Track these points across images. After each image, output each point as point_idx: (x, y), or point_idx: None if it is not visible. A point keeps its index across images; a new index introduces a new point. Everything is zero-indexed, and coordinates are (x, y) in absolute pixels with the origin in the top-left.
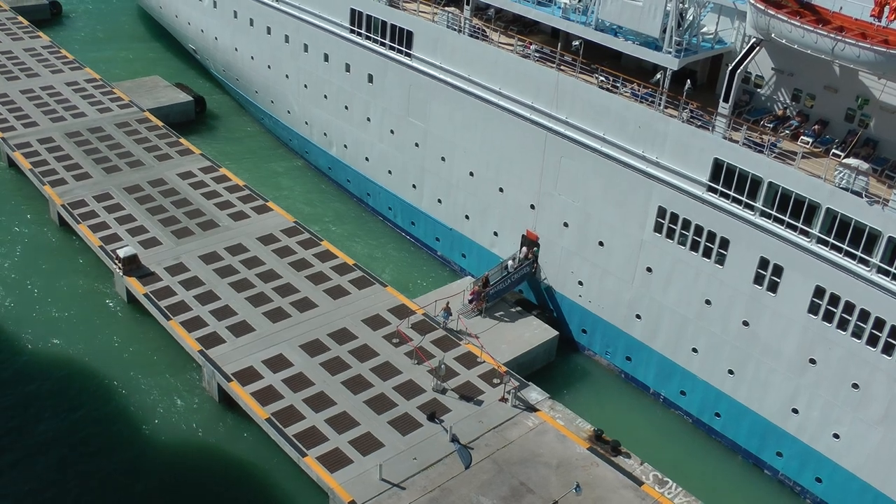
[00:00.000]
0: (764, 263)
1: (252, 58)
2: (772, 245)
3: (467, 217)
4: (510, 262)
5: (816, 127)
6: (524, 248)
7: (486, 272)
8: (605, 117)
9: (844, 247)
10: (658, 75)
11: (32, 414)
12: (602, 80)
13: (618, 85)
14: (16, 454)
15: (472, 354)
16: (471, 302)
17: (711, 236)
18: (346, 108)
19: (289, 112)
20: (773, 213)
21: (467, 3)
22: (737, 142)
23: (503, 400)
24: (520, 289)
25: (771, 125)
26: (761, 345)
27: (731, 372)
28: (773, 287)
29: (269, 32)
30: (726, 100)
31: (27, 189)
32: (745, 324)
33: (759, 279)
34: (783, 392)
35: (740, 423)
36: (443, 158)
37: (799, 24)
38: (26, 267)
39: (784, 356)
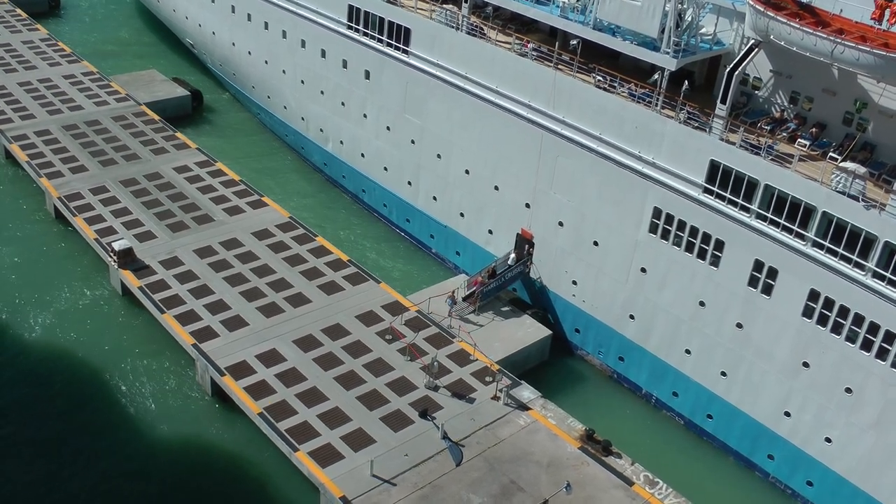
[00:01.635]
0: (759, 266)
1: (249, 53)
2: (767, 248)
3: (462, 215)
4: (512, 256)
5: (814, 130)
6: (526, 245)
7: (492, 263)
8: (601, 117)
9: (840, 251)
10: (656, 76)
11: (25, 404)
12: (599, 80)
13: (615, 85)
14: (7, 448)
15: (465, 352)
16: (465, 299)
17: (707, 238)
18: (343, 104)
19: (285, 107)
20: (769, 215)
21: (465, 1)
22: (734, 143)
23: (495, 398)
24: (513, 287)
25: (768, 127)
26: (755, 347)
27: (724, 374)
28: (767, 290)
29: (266, 28)
30: (724, 101)
31: (24, 181)
32: (739, 326)
33: (753, 281)
34: (776, 395)
35: (732, 425)
36: (439, 156)
37: (798, 26)
38: (21, 259)
39: (777, 359)
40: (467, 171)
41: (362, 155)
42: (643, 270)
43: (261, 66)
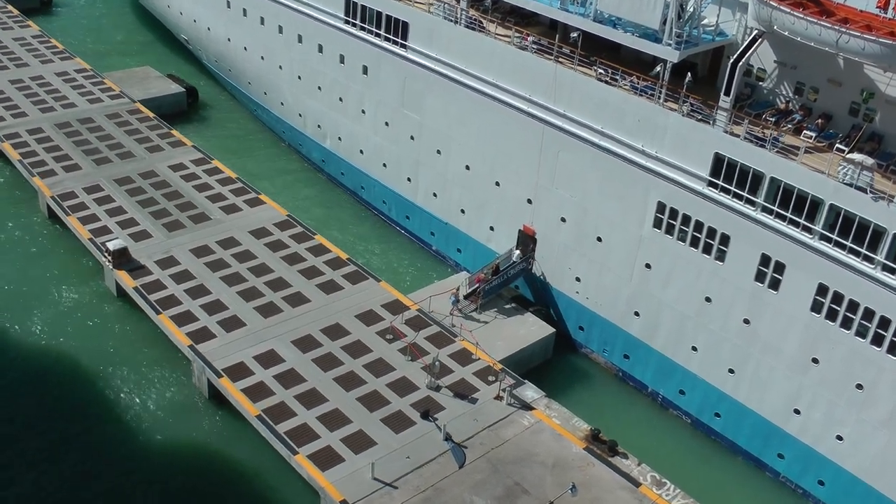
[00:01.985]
0: (765, 260)
1: (245, 48)
2: (774, 242)
3: (463, 211)
4: (517, 252)
5: (820, 121)
6: (528, 242)
7: (495, 260)
8: (603, 110)
9: (848, 244)
10: (658, 68)
11: (19, 407)
12: (601, 73)
13: (617, 78)
14: (2, 451)
15: (467, 351)
16: (467, 297)
17: (712, 232)
18: (341, 99)
19: (282, 104)
20: (775, 209)
21: None
22: (738, 136)
23: (498, 398)
24: (516, 285)
25: (773, 119)
26: (762, 343)
27: (731, 371)
28: (774, 284)
29: (262, 23)
30: (727, 93)
31: (16, 180)
32: (746, 322)
33: (760, 276)
34: (785, 392)
35: (741, 424)
36: (438, 151)
37: (802, 15)
38: (14, 259)
39: (786, 355)
40: (467, 167)
41: (361, 151)
42: (648, 266)
43: (257, 62)
